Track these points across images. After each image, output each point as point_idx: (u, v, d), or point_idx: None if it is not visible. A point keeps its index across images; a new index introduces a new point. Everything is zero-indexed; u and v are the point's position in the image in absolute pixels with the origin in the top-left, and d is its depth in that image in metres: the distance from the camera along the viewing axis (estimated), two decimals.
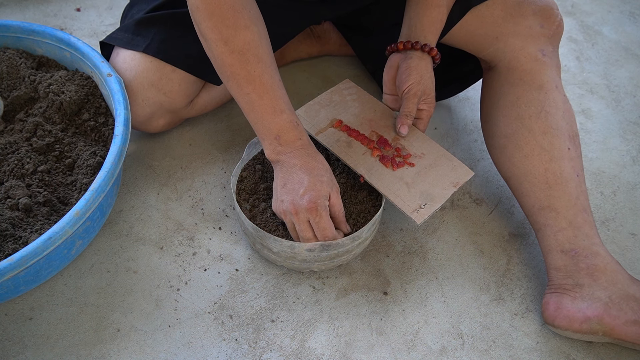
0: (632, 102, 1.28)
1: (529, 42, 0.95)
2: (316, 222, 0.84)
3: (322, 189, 0.83)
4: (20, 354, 0.85)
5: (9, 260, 0.76)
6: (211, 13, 0.80)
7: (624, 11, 1.50)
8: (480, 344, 0.90)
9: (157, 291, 0.92)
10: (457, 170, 0.93)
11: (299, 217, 0.84)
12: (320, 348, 0.88)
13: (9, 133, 0.96)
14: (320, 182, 0.84)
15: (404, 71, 0.92)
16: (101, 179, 0.85)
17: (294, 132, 0.86)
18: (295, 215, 0.84)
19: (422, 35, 0.93)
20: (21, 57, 1.03)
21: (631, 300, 0.85)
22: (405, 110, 0.93)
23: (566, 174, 0.91)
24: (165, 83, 0.98)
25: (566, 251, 0.89)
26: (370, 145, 0.95)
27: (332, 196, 0.85)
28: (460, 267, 0.98)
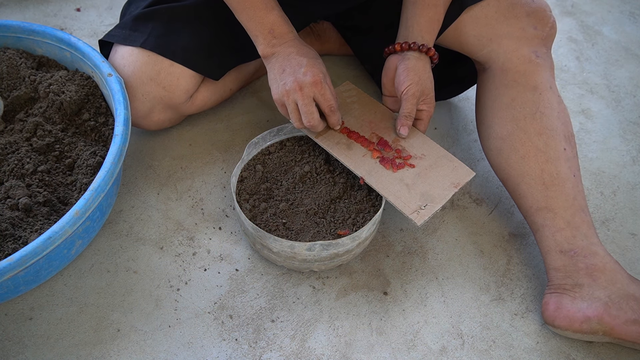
0: (632, 102, 1.28)
1: (523, 43, 0.95)
2: (322, 93, 0.89)
3: (321, 66, 0.90)
4: (20, 354, 0.85)
5: (9, 260, 0.76)
6: None
7: (624, 11, 1.50)
8: (480, 344, 0.90)
9: (157, 291, 0.92)
10: (457, 170, 0.93)
11: (304, 92, 0.87)
12: (320, 348, 0.88)
13: (9, 133, 0.96)
14: (318, 62, 0.90)
15: (402, 72, 0.92)
16: (101, 178, 0.85)
17: (286, 26, 0.91)
18: (300, 91, 0.87)
19: (420, 36, 0.93)
20: (21, 57, 1.03)
21: (631, 300, 0.85)
22: (405, 112, 0.93)
23: (563, 174, 0.91)
24: (164, 77, 0.98)
25: (565, 251, 0.89)
26: (371, 147, 0.94)
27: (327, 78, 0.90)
28: (460, 267, 0.98)
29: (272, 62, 0.91)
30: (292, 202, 0.94)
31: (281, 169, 0.99)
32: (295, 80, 0.87)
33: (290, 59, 0.89)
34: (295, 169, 0.98)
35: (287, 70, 0.89)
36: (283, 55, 0.90)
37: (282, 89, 0.89)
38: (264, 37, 0.91)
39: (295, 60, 0.89)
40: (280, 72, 0.89)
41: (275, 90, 0.90)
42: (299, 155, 1.00)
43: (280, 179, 0.98)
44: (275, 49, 0.91)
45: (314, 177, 0.97)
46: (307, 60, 0.89)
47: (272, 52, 0.91)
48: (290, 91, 0.88)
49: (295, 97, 0.88)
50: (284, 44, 0.91)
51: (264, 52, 0.91)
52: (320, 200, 0.94)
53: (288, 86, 0.88)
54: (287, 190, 0.96)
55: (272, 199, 0.95)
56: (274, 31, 0.90)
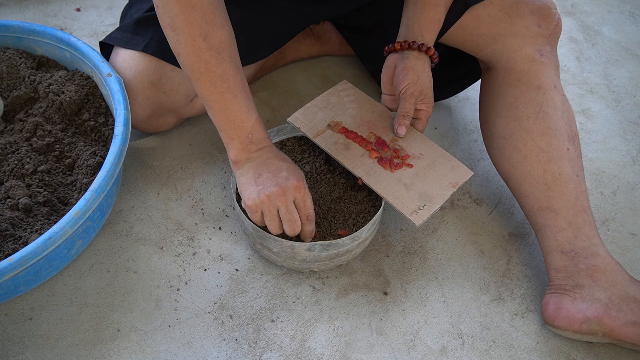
0: (632, 102, 1.28)
1: (527, 42, 0.95)
2: (303, 200, 0.84)
3: (300, 173, 0.86)
4: (20, 354, 0.85)
5: (9, 260, 0.76)
6: (192, 6, 0.79)
7: (624, 11, 1.50)
8: (480, 344, 0.90)
9: (157, 291, 0.92)
10: (456, 170, 0.93)
11: (286, 197, 0.82)
12: (320, 348, 0.88)
13: (9, 133, 0.96)
14: (296, 168, 0.86)
15: (401, 71, 0.92)
16: (101, 179, 0.85)
17: (263, 132, 0.87)
18: (282, 197, 0.82)
19: (420, 35, 0.93)
20: (21, 57, 1.03)
21: (631, 301, 0.85)
22: (403, 111, 0.93)
23: (565, 175, 0.91)
24: (165, 82, 0.98)
25: (566, 252, 0.89)
26: (369, 146, 0.94)
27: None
28: (460, 267, 0.98)
29: (245, 167, 0.86)
30: None
31: None
32: (277, 185, 0.82)
33: (267, 163, 0.85)
34: None
35: (265, 175, 0.83)
36: (259, 161, 0.85)
37: (260, 195, 0.82)
38: (240, 141, 0.85)
39: (274, 164, 0.84)
40: (257, 176, 0.84)
41: (250, 195, 0.83)
42: (299, 155, 1.00)
43: None
44: (251, 155, 0.85)
45: (314, 177, 0.97)
46: (286, 165, 0.85)
47: (247, 158, 0.86)
48: (271, 196, 0.82)
49: (277, 204, 0.82)
50: (261, 149, 0.86)
51: (238, 156, 0.86)
52: (320, 201, 0.94)
53: (269, 190, 0.82)
54: None
55: None
56: (252, 136, 0.85)
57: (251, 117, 0.85)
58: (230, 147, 0.86)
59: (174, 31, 0.81)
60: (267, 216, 0.84)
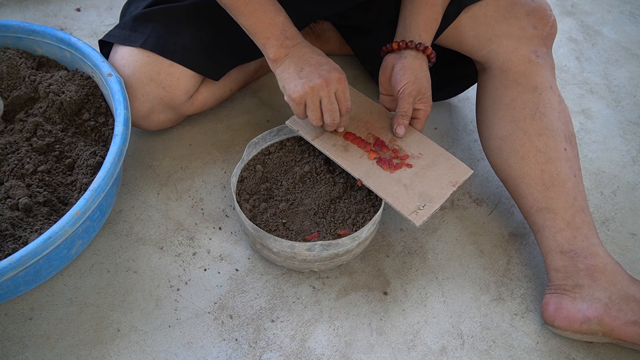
0: (632, 102, 1.28)
1: (522, 43, 0.95)
2: (344, 92, 0.89)
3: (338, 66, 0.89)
4: (20, 354, 0.85)
5: (9, 260, 0.76)
6: None
7: (624, 11, 1.50)
8: (480, 344, 0.90)
9: (157, 291, 0.92)
10: (455, 169, 0.93)
11: (329, 88, 0.87)
12: (320, 348, 0.88)
13: (9, 133, 0.96)
14: (333, 62, 0.89)
15: (399, 71, 0.92)
16: (101, 178, 0.85)
17: (294, 28, 0.90)
18: (326, 87, 0.86)
19: (417, 35, 0.93)
20: (21, 57, 1.03)
21: (631, 301, 0.85)
22: (401, 111, 0.93)
23: (563, 175, 0.91)
24: (164, 77, 0.98)
25: (565, 252, 0.89)
26: (367, 147, 0.94)
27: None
28: (460, 267, 0.98)
29: (285, 63, 0.89)
30: (292, 202, 0.94)
31: (281, 169, 0.99)
32: (320, 76, 0.86)
33: (307, 58, 0.88)
34: (295, 169, 0.98)
35: (307, 68, 0.87)
36: (298, 55, 0.89)
37: (305, 86, 0.86)
38: (276, 38, 0.88)
39: (314, 59, 0.88)
40: (299, 70, 0.88)
41: (295, 88, 0.87)
42: (299, 155, 1.00)
43: (280, 179, 0.98)
44: (289, 50, 0.89)
45: (314, 177, 0.97)
46: (326, 60, 0.89)
47: (285, 54, 0.89)
48: (315, 87, 0.86)
49: (321, 94, 0.87)
50: (297, 44, 0.89)
51: (277, 54, 0.89)
52: (320, 200, 0.94)
53: (312, 82, 0.86)
54: (287, 190, 0.96)
55: (272, 199, 0.95)
56: (286, 32, 0.89)
57: (281, 13, 0.89)
58: (268, 46, 0.89)
59: None
60: (310, 107, 0.88)
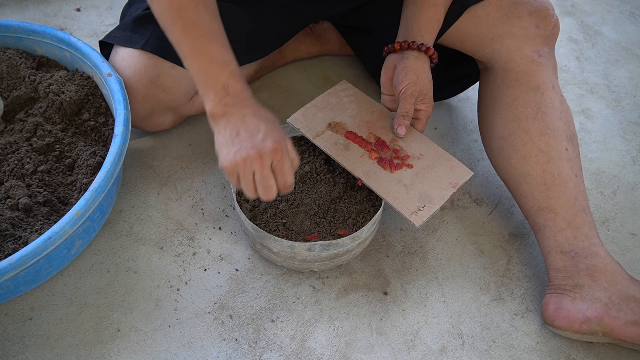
0: (632, 102, 1.28)
1: (525, 43, 0.95)
2: (280, 164, 0.78)
3: (281, 131, 0.79)
4: (20, 354, 0.85)
5: (9, 260, 0.76)
6: None
7: (624, 11, 1.50)
8: (480, 344, 0.90)
9: (157, 291, 0.92)
10: (455, 170, 0.93)
11: (263, 160, 0.76)
12: (320, 348, 0.88)
13: (9, 133, 0.96)
14: (277, 126, 0.80)
15: (401, 71, 0.92)
16: (101, 179, 0.85)
17: (241, 83, 0.80)
18: (259, 160, 0.76)
19: (419, 35, 0.93)
20: (21, 57, 1.03)
21: (631, 301, 0.85)
22: (402, 111, 0.93)
23: (564, 175, 0.91)
24: (164, 80, 0.98)
25: (566, 252, 0.89)
26: (368, 147, 0.94)
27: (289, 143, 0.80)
28: (460, 267, 0.98)
29: (221, 123, 0.79)
30: (292, 202, 0.94)
31: None
32: (253, 147, 0.76)
33: (245, 121, 0.78)
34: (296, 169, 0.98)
35: (242, 134, 0.77)
36: (237, 116, 0.78)
37: (236, 156, 0.77)
38: (215, 92, 0.78)
39: (252, 123, 0.77)
40: (234, 135, 0.78)
41: (227, 156, 0.78)
42: (299, 155, 1.00)
43: None
44: (228, 109, 0.78)
45: (314, 177, 0.97)
46: (265, 125, 0.78)
47: (223, 112, 0.79)
48: (247, 159, 0.76)
49: (253, 167, 0.77)
50: (238, 103, 0.79)
51: (214, 110, 0.79)
52: (320, 201, 0.94)
53: (244, 153, 0.76)
54: None
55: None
56: (228, 87, 0.78)
57: (227, 66, 0.79)
58: (206, 99, 0.80)
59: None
60: (243, 180, 0.79)
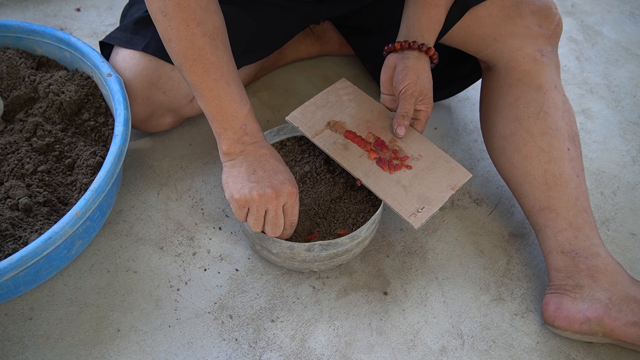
0: (632, 102, 1.28)
1: (528, 42, 0.95)
2: (292, 207, 0.83)
3: (294, 179, 0.84)
4: (20, 354, 0.85)
5: (9, 260, 0.76)
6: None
7: (624, 11, 1.50)
8: (480, 344, 0.90)
9: (157, 291, 0.92)
10: (455, 172, 0.93)
11: (278, 201, 0.80)
12: (320, 348, 0.88)
13: (9, 133, 0.96)
14: (290, 172, 0.84)
15: (401, 71, 0.91)
16: (101, 179, 0.85)
17: (257, 125, 0.84)
18: (275, 200, 0.80)
19: (420, 35, 0.93)
20: (21, 57, 1.03)
21: (631, 302, 0.85)
22: (402, 111, 0.93)
23: (566, 175, 0.91)
24: (165, 82, 0.98)
25: (566, 252, 0.89)
26: (367, 147, 0.94)
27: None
28: (460, 267, 0.98)
29: (238, 159, 0.83)
30: None
31: None
32: (271, 186, 0.79)
33: (262, 161, 0.82)
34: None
35: (259, 173, 0.81)
36: (254, 155, 0.82)
37: (253, 192, 0.79)
38: (234, 131, 0.82)
39: (270, 164, 0.82)
40: (251, 172, 0.81)
41: (242, 190, 0.80)
42: (299, 155, 1.00)
43: None
44: (246, 147, 0.82)
45: (314, 177, 0.97)
46: (282, 167, 0.83)
47: (240, 150, 0.82)
48: (264, 196, 0.79)
49: (268, 206, 0.80)
50: (256, 142, 0.83)
51: (231, 148, 0.82)
52: (320, 201, 0.94)
53: (262, 190, 0.79)
54: None
55: None
56: (246, 127, 0.82)
57: (245, 106, 0.82)
58: (223, 137, 0.83)
59: (165, 16, 0.78)
60: (254, 215, 0.82)
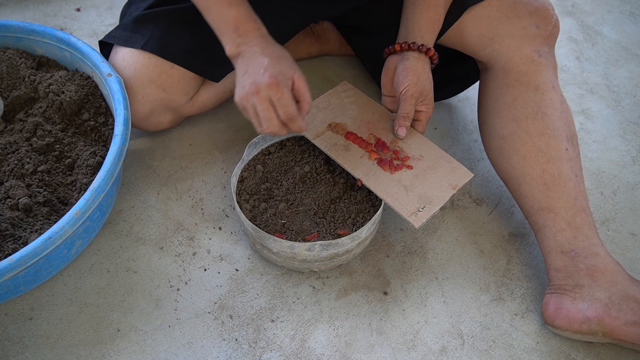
0: (632, 102, 1.28)
1: (525, 43, 0.95)
2: (277, 98, 0.81)
3: (282, 67, 0.82)
4: (20, 354, 0.85)
5: (9, 260, 0.76)
6: None
7: (624, 11, 1.50)
8: (480, 344, 0.90)
9: (157, 291, 0.92)
10: (456, 172, 0.93)
11: (260, 95, 0.81)
12: (320, 348, 0.88)
13: (9, 133, 0.96)
14: (280, 63, 0.83)
15: (401, 72, 0.92)
16: (101, 178, 0.85)
17: (252, 23, 0.85)
18: (257, 94, 0.81)
19: (419, 36, 0.93)
20: (21, 57, 1.03)
21: (631, 301, 0.85)
22: (403, 112, 0.93)
23: (564, 175, 0.91)
24: (164, 79, 0.98)
25: (566, 252, 0.89)
26: (368, 148, 0.94)
27: (296, 79, 0.83)
28: (460, 267, 0.98)
29: (238, 63, 0.85)
30: (292, 202, 0.94)
31: (281, 169, 0.99)
32: (253, 82, 0.81)
33: (253, 59, 0.83)
34: (295, 169, 0.98)
35: (249, 71, 0.83)
36: (247, 55, 0.84)
37: (241, 93, 0.83)
38: (228, 35, 0.85)
39: (258, 60, 0.83)
40: (243, 73, 0.83)
41: (237, 92, 0.84)
42: (299, 155, 1.00)
43: (280, 179, 0.98)
44: (241, 49, 0.85)
45: (314, 177, 0.97)
46: (268, 61, 0.82)
47: (237, 52, 0.85)
48: (248, 94, 0.81)
49: (253, 101, 0.82)
50: (250, 42, 0.85)
51: (230, 52, 0.86)
52: (320, 201, 0.94)
53: (246, 89, 0.82)
54: (287, 191, 0.96)
55: (272, 199, 0.95)
56: (239, 29, 0.84)
57: (235, 9, 0.84)
58: (224, 44, 0.86)
59: None
60: (249, 114, 0.84)
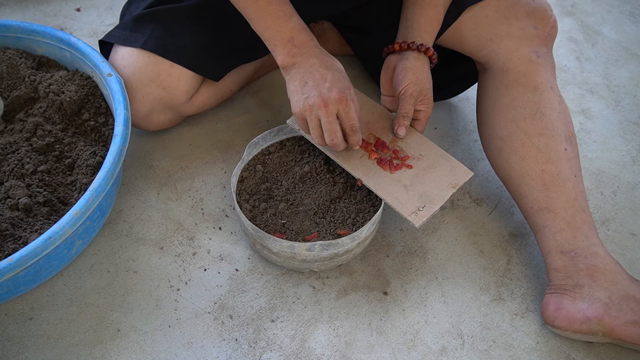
0: (632, 102, 1.28)
1: (523, 43, 0.95)
2: (345, 112, 0.85)
3: (345, 81, 0.86)
4: (20, 354, 0.85)
5: (9, 260, 0.76)
6: None
7: (624, 11, 1.50)
8: (480, 344, 0.90)
9: (157, 291, 0.92)
10: (455, 171, 0.93)
11: (328, 109, 0.84)
12: (320, 348, 0.88)
13: (9, 133, 0.96)
14: (342, 76, 0.87)
15: (400, 72, 0.92)
16: (101, 178, 0.85)
17: (306, 34, 0.88)
18: (325, 108, 0.84)
19: (419, 36, 0.93)
20: (21, 57, 1.03)
21: (631, 301, 0.85)
22: (402, 112, 0.93)
23: (563, 175, 0.91)
24: (164, 78, 0.98)
25: (565, 252, 0.89)
26: (368, 148, 0.94)
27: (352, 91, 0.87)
28: (460, 267, 0.98)
29: (292, 73, 0.87)
30: (292, 202, 0.94)
31: (281, 169, 0.99)
32: (319, 95, 0.84)
33: (312, 71, 0.86)
34: (295, 169, 0.98)
35: (310, 83, 0.85)
36: (305, 66, 0.86)
37: (304, 103, 0.85)
38: (283, 46, 0.87)
39: (319, 73, 0.85)
40: (302, 84, 0.86)
41: (297, 103, 0.86)
42: (299, 155, 1.00)
43: (280, 179, 0.98)
44: (296, 59, 0.87)
45: (313, 177, 0.97)
46: (331, 74, 0.85)
47: (292, 63, 0.87)
48: (314, 106, 0.84)
49: (319, 114, 0.85)
50: (305, 53, 0.87)
51: (284, 62, 0.88)
52: (320, 200, 0.94)
53: (312, 101, 0.84)
54: (287, 191, 0.96)
55: (272, 199, 0.95)
56: (293, 40, 0.86)
57: (290, 19, 0.86)
58: (276, 53, 0.88)
59: None
60: (310, 125, 0.87)
